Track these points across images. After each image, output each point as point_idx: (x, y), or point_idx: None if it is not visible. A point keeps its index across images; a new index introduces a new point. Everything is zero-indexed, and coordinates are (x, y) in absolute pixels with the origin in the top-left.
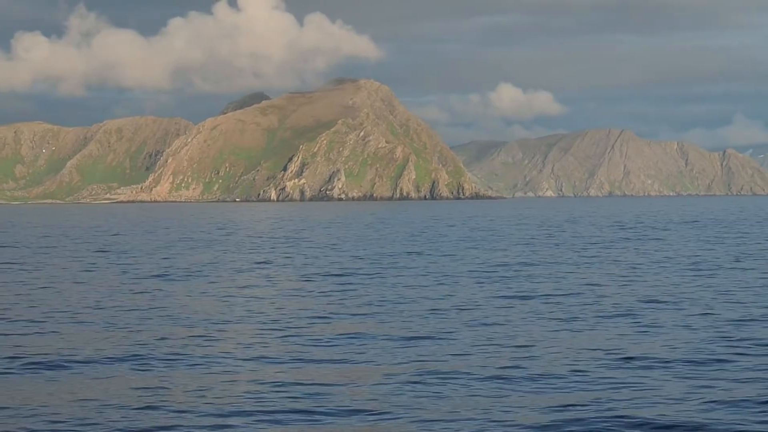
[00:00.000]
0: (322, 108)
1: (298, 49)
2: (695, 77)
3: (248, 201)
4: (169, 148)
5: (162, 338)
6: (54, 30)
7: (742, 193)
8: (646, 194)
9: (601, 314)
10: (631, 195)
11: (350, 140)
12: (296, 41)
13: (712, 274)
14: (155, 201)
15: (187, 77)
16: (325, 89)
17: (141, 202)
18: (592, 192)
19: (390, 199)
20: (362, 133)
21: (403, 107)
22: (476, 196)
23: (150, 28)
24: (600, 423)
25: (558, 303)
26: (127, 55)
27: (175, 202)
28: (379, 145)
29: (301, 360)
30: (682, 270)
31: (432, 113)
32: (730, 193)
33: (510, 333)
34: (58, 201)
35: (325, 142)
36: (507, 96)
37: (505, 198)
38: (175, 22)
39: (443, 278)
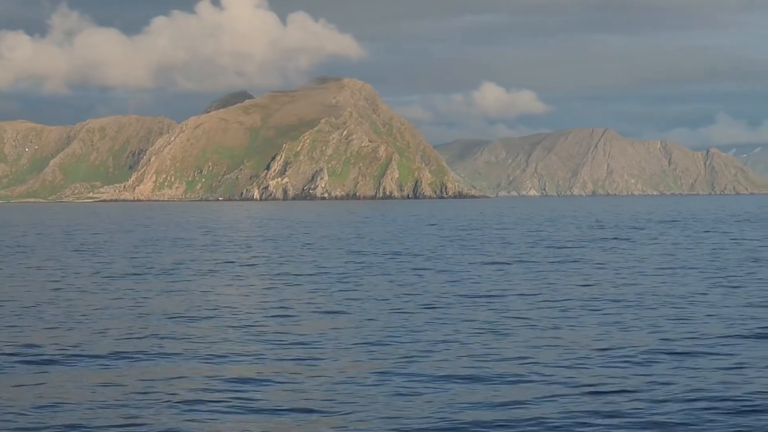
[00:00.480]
0: (305, 107)
1: (281, 48)
2: (679, 77)
3: (231, 200)
4: (152, 146)
5: (126, 336)
6: (37, 29)
7: (725, 192)
8: (629, 193)
9: (567, 313)
10: (615, 194)
11: (333, 139)
12: (279, 40)
13: (684, 274)
14: (138, 200)
15: (170, 76)
16: (308, 88)
17: (124, 200)
18: (576, 191)
19: (373, 198)
20: (345, 132)
21: (386, 106)
22: (459, 195)
23: (133, 26)
24: (556, 420)
25: (524, 302)
26: (110, 54)
27: (159, 201)
28: (362, 144)
29: (262, 358)
30: (655, 269)
31: (415, 112)
32: (713, 193)
33: (473, 331)
34: (41, 200)
35: (308, 141)
36: (490, 95)
37: (488, 197)
38: (158, 21)
39: (415, 277)
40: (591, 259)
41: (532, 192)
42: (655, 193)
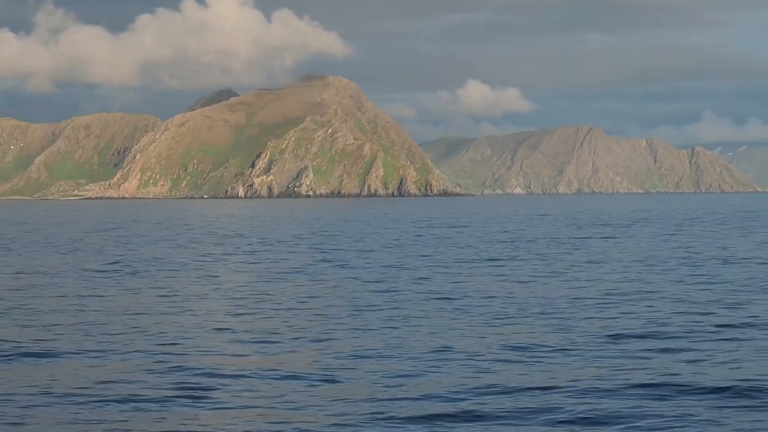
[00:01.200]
0: (290, 105)
1: (265, 46)
2: (664, 75)
3: (216, 198)
4: (137, 144)
5: (85, 334)
6: (22, 26)
7: (710, 190)
8: (614, 191)
9: (521, 312)
10: (600, 192)
11: (318, 137)
12: (264, 37)
13: (642, 270)
14: (123, 198)
15: (156, 74)
16: (293, 86)
17: (109, 198)
18: (561, 189)
19: (358, 196)
20: (330, 130)
21: (371, 104)
22: (444, 194)
23: (118, 24)
24: (487, 414)
25: (479, 301)
26: (96, 52)
27: (144, 198)
28: (347, 142)
29: (207, 353)
30: (612, 268)
31: (400, 110)
32: (698, 191)
33: (424, 331)
34: (26, 197)
35: (293, 138)
36: (476, 93)
37: (473, 195)
38: (143, 19)
39: (381, 276)
40: (556, 258)
41: (518, 190)
42: (640, 191)
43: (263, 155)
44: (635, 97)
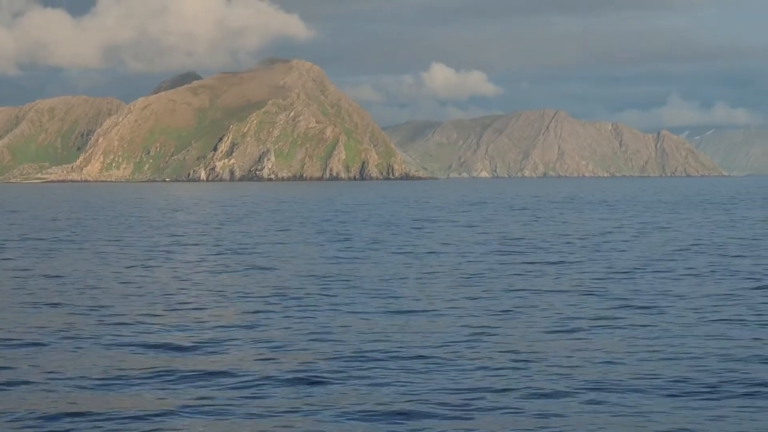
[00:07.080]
0: (252, 88)
1: (226, 28)
2: (630, 58)
3: (178, 181)
4: (100, 127)
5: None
6: None
7: (676, 174)
8: (580, 175)
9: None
10: (566, 176)
11: (280, 120)
12: (224, 19)
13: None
14: (86, 181)
15: (119, 56)
16: (256, 69)
17: (72, 182)
18: (527, 173)
19: (320, 179)
20: (292, 114)
21: (335, 87)
22: (406, 177)
23: (80, 7)
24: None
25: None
26: (58, 35)
27: (106, 181)
28: (309, 125)
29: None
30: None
31: (366, 93)
32: (664, 175)
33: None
34: None
35: (255, 122)
36: (441, 76)
37: (437, 179)
38: (105, 1)
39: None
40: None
41: (483, 174)
42: (606, 174)
43: (225, 138)
44: (601, 80)
